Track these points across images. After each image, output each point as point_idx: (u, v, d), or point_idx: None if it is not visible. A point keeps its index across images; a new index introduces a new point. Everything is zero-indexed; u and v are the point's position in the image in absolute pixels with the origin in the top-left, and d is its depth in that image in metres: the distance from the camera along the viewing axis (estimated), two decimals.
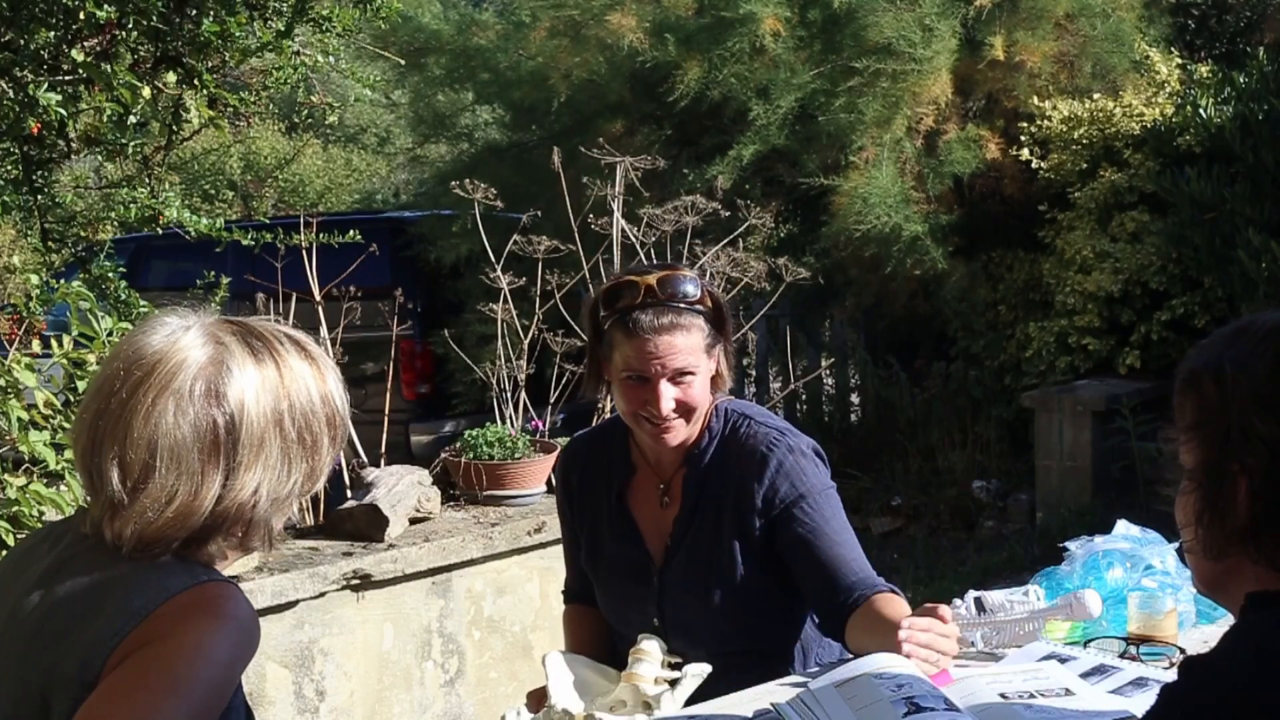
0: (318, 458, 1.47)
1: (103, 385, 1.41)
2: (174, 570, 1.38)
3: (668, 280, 2.13)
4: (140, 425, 1.36)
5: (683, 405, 2.15)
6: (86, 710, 1.29)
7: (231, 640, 1.36)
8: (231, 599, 1.39)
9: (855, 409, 8.61)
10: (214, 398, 1.39)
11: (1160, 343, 6.82)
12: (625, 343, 2.13)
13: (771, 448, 2.19)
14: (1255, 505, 1.22)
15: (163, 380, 1.38)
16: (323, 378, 1.49)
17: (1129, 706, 1.82)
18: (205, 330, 1.43)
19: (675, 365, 2.12)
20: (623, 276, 2.18)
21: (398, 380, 6.59)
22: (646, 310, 2.11)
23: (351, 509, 3.60)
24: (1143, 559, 2.34)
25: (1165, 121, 6.91)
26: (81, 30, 3.31)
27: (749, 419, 2.25)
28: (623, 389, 2.17)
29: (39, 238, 3.77)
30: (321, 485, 1.55)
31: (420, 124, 8.99)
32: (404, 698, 3.62)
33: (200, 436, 1.38)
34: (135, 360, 1.40)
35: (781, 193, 7.81)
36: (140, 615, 1.33)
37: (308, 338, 1.51)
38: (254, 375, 1.42)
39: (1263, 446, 1.21)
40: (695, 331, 2.14)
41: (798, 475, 2.17)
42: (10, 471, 3.04)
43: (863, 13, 6.97)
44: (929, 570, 6.30)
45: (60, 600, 1.38)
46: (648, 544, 2.28)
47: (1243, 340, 1.27)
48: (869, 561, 2.20)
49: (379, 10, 3.76)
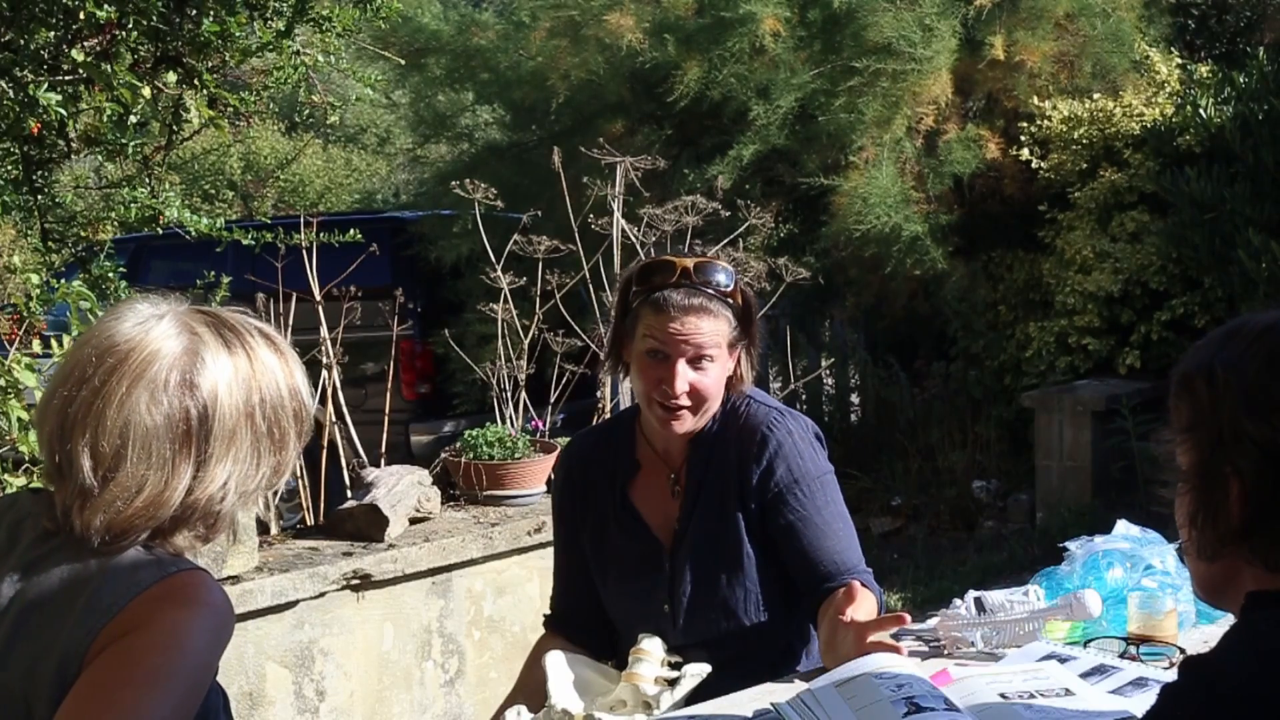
0: (285, 452, 1.47)
1: (73, 371, 1.40)
2: (143, 564, 1.37)
3: (705, 266, 2.17)
4: (114, 414, 1.35)
5: (696, 392, 2.16)
6: (66, 709, 1.28)
7: (207, 627, 1.36)
8: (203, 585, 1.38)
9: (855, 409, 8.61)
10: (187, 388, 1.38)
11: (1160, 343, 6.82)
12: (652, 317, 2.16)
13: (771, 428, 2.20)
14: (1248, 507, 1.22)
15: (137, 369, 1.37)
16: (290, 372, 1.48)
17: (1129, 706, 1.82)
18: (179, 319, 1.42)
19: (696, 346, 2.14)
20: (661, 256, 2.23)
21: (398, 380, 6.59)
22: (679, 290, 2.15)
23: (351, 509, 3.60)
24: (1143, 559, 2.34)
25: (1165, 121, 6.91)
26: (81, 30, 3.31)
27: (749, 399, 2.27)
28: (641, 365, 2.19)
29: (39, 238, 3.76)
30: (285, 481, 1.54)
31: (420, 124, 8.99)
32: (404, 698, 3.62)
33: (173, 427, 1.37)
34: (108, 347, 1.39)
35: (781, 193, 7.81)
36: (112, 610, 1.32)
37: (275, 331, 1.51)
38: (227, 367, 1.41)
39: (1254, 448, 1.21)
40: (721, 320, 2.17)
41: (794, 459, 2.19)
42: (10, 471, 3.05)
43: (863, 13, 6.97)
44: (929, 570, 6.30)
45: (32, 603, 1.37)
46: (656, 534, 2.28)
47: (1234, 342, 1.26)
48: (867, 558, 2.21)
49: (379, 10, 3.75)
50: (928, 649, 2.20)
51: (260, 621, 3.24)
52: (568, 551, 2.40)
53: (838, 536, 2.17)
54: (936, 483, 7.40)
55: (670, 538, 2.26)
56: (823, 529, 2.16)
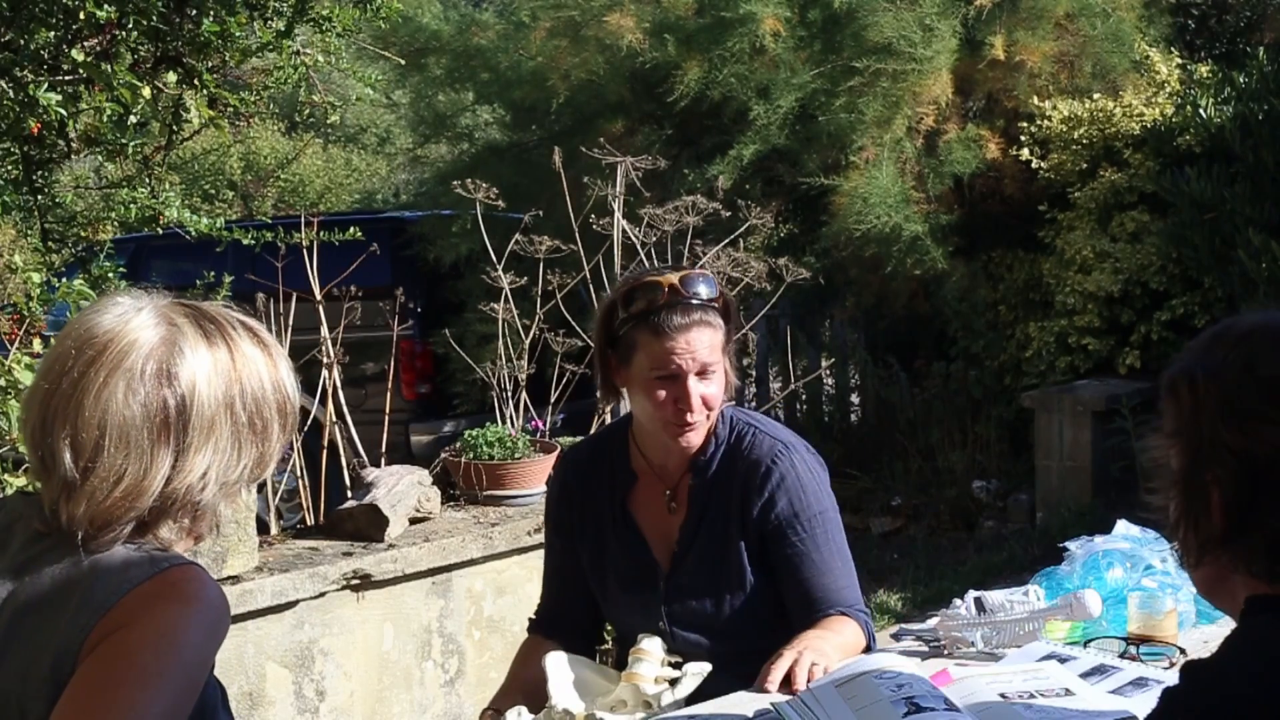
0: (268, 444, 1.46)
1: (54, 364, 1.40)
2: (135, 561, 1.37)
3: (689, 279, 2.17)
4: (91, 404, 1.35)
5: (707, 403, 2.17)
6: (62, 707, 1.28)
7: (201, 622, 1.35)
8: (196, 580, 1.38)
9: (855, 409, 8.60)
10: (165, 378, 1.38)
11: (1160, 343, 6.82)
12: (654, 342, 2.15)
13: (776, 461, 2.21)
14: (1227, 515, 1.21)
15: (114, 359, 1.37)
16: (275, 365, 1.48)
17: (1129, 706, 1.82)
18: (158, 311, 1.43)
19: (702, 360, 2.15)
20: (640, 278, 2.19)
21: (398, 380, 6.58)
22: (674, 309, 2.14)
23: (351, 509, 3.60)
24: (1143, 559, 2.34)
25: (1165, 121, 6.91)
26: (81, 30, 3.31)
27: (754, 428, 2.27)
28: (648, 390, 2.17)
29: (39, 238, 3.76)
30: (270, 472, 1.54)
31: (420, 124, 8.99)
32: (404, 698, 3.62)
33: (150, 416, 1.37)
34: (87, 340, 1.39)
35: (782, 193, 7.81)
36: (104, 607, 1.32)
37: (260, 325, 1.50)
38: (206, 358, 1.41)
39: (1230, 457, 1.20)
40: (717, 330, 2.18)
41: (797, 494, 2.19)
42: (10, 471, 3.04)
43: (863, 13, 6.97)
44: (929, 570, 6.30)
45: (25, 606, 1.37)
46: (654, 551, 2.28)
47: (1217, 347, 1.26)
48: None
49: (379, 10, 3.75)
50: (928, 649, 2.20)
51: (260, 621, 3.24)
52: (559, 558, 2.39)
53: (834, 574, 2.18)
54: (936, 483, 7.40)
55: (668, 558, 2.27)
56: (820, 566, 2.17)
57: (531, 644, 2.37)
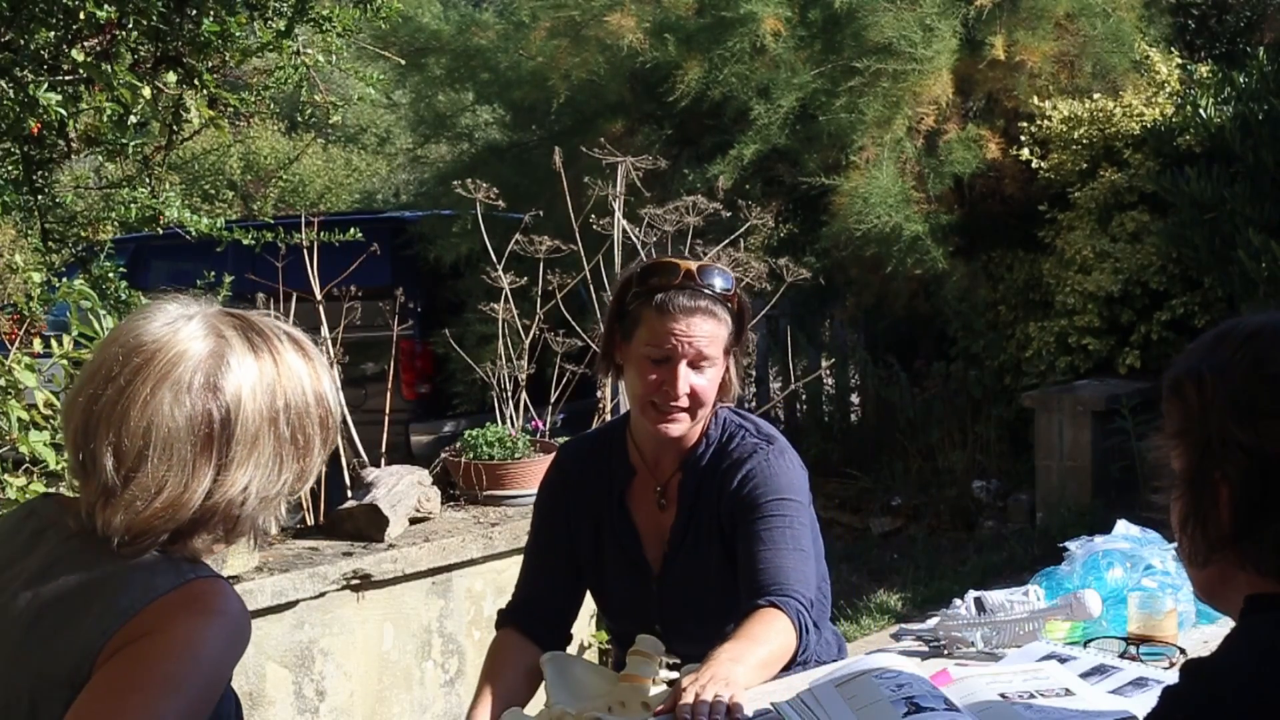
0: (309, 459, 1.46)
1: (99, 369, 1.40)
2: (161, 569, 1.37)
3: (706, 269, 2.19)
4: (137, 413, 1.35)
5: (694, 395, 2.17)
6: (77, 711, 1.28)
7: (222, 635, 1.35)
8: (220, 594, 1.38)
9: (855, 409, 8.60)
10: (211, 391, 1.38)
11: (1160, 343, 6.82)
12: (655, 319, 2.16)
13: (753, 454, 2.21)
14: (1237, 513, 1.22)
15: (162, 369, 1.37)
16: (318, 377, 1.47)
17: (1129, 706, 1.82)
18: (207, 321, 1.42)
19: (698, 348, 2.15)
20: (662, 259, 2.23)
21: (398, 380, 6.59)
22: (683, 291, 2.16)
23: (351, 509, 3.60)
24: (1143, 559, 2.34)
25: (1165, 121, 6.91)
26: (81, 30, 3.31)
27: (744, 430, 2.27)
28: (640, 368, 2.19)
29: (39, 238, 3.77)
30: (309, 487, 1.53)
31: (420, 124, 8.99)
32: (404, 698, 3.62)
33: (194, 429, 1.37)
34: (135, 347, 1.39)
35: (782, 193, 7.81)
36: (128, 614, 1.32)
37: (305, 336, 1.50)
38: (252, 371, 1.40)
39: (1241, 454, 1.21)
40: (722, 324, 2.18)
41: (762, 480, 2.18)
42: (10, 471, 3.04)
43: (863, 13, 6.97)
44: (929, 570, 6.30)
45: (48, 603, 1.37)
46: (645, 549, 2.28)
47: (1223, 346, 1.26)
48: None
49: (379, 10, 3.76)
50: (928, 649, 2.20)
51: (260, 621, 3.24)
52: (545, 547, 2.37)
53: (782, 556, 2.12)
54: (936, 483, 7.40)
55: (659, 559, 2.27)
56: (768, 546, 2.12)
57: (501, 644, 2.30)
